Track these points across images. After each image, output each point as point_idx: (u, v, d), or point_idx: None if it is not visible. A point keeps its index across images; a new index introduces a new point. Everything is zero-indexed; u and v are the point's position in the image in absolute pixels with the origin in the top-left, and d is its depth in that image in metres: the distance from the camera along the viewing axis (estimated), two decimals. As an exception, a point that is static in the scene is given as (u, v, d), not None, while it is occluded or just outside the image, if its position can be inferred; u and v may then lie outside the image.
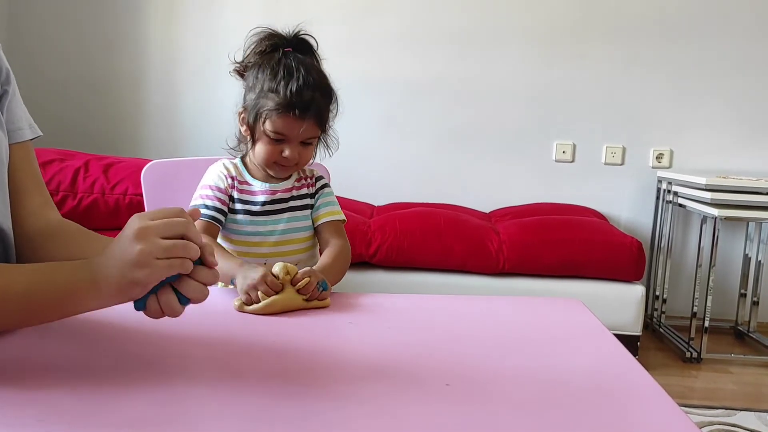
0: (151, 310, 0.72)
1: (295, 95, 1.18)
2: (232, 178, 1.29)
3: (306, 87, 1.19)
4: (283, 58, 1.22)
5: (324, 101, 1.23)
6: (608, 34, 3.15)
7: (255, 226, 1.28)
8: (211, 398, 0.67)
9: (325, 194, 1.35)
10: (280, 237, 1.28)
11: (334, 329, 0.94)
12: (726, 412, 2.17)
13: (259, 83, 1.22)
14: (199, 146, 3.28)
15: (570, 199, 3.19)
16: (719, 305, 3.04)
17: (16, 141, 0.95)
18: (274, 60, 1.22)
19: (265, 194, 1.28)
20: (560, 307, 1.09)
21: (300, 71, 1.20)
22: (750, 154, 3.14)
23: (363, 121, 3.24)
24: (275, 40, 1.25)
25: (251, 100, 1.24)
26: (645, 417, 0.66)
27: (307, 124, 1.20)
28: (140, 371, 0.72)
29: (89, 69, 3.33)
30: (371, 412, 0.64)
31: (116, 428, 0.58)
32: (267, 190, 1.29)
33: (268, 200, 1.28)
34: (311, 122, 1.20)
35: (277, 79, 1.20)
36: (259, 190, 1.29)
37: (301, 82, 1.19)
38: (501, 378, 0.74)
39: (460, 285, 2.56)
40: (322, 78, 1.24)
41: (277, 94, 1.19)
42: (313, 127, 1.22)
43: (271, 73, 1.21)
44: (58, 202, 2.32)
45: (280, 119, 1.19)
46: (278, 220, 1.28)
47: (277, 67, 1.21)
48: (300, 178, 1.34)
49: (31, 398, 0.64)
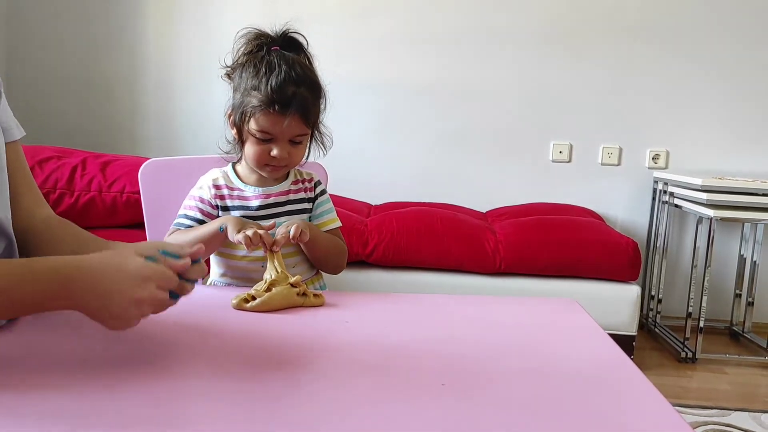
0: None
1: (276, 91, 1.15)
2: (218, 188, 1.27)
3: (288, 82, 1.16)
4: (267, 56, 1.20)
5: (310, 96, 1.19)
6: (605, 36, 3.16)
7: None
8: (208, 396, 0.67)
9: (323, 202, 1.34)
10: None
11: (330, 328, 0.94)
12: (721, 412, 2.18)
13: (243, 82, 1.20)
14: (197, 144, 3.28)
15: (566, 199, 3.20)
16: (714, 305, 3.05)
17: (7, 141, 0.95)
18: (257, 58, 1.20)
19: (259, 198, 1.27)
20: (556, 307, 1.09)
21: (282, 66, 1.17)
22: (746, 156, 3.15)
23: (361, 121, 3.24)
24: (262, 40, 1.23)
25: (237, 101, 1.22)
26: (639, 417, 0.66)
27: (291, 120, 1.16)
28: (138, 369, 0.73)
29: (87, 67, 3.33)
30: (366, 411, 0.64)
31: (113, 426, 0.59)
32: (261, 194, 1.27)
33: (263, 204, 1.27)
34: (295, 118, 1.17)
35: (259, 76, 1.17)
36: (253, 195, 1.27)
37: (282, 77, 1.16)
38: (496, 377, 0.74)
39: (456, 284, 2.57)
40: (307, 72, 1.21)
41: (259, 91, 1.17)
42: (298, 123, 1.18)
43: (253, 70, 1.19)
44: (55, 199, 2.32)
45: (263, 117, 1.17)
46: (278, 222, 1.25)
47: (259, 64, 1.19)
48: (297, 181, 1.32)
49: (28, 396, 0.64)
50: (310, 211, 1.32)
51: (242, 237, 1.12)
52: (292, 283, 1.03)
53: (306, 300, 1.03)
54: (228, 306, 1.00)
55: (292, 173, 1.32)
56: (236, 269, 1.27)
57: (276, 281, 1.04)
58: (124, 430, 0.58)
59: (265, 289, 1.02)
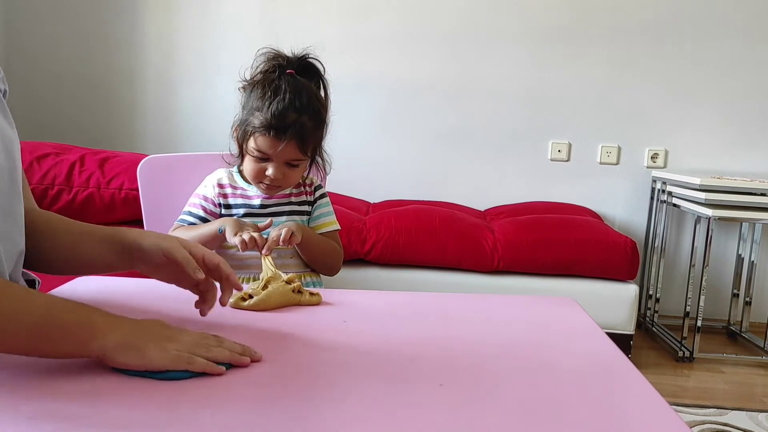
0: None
1: (276, 116, 1.19)
2: (221, 186, 1.33)
3: (289, 109, 1.20)
4: (277, 80, 1.23)
5: (310, 124, 1.23)
6: (604, 35, 3.15)
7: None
8: (205, 395, 0.67)
9: (322, 205, 1.38)
10: None
11: (328, 326, 0.94)
12: (718, 412, 2.18)
13: (250, 101, 1.25)
14: (196, 141, 3.28)
15: (565, 198, 3.20)
16: (712, 305, 3.06)
17: None
18: (268, 80, 1.24)
19: (261, 197, 1.32)
20: (554, 305, 1.09)
21: (287, 93, 1.20)
22: (744, 155, 3.15)
23: (360, 119, 3.24)
24: (279, 61, 1.26)
25: (242, 118, 1.27)
26: (636, 416, 0.66)
27: (287, 146, 1.21)
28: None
29: (86, 63, 3.32)
30: (364, 411, 0.64)
31: (108, 427, 0.59)
32: (263, 195, 1.33)
33: (266, 204, 1.32)
34: (291, 144, 1.21)
35: (264, 99, 1.21)
36: (255, 195, 1.32)
37: (285, 104, 1.20)
38: (494, 377, 0.75)
39: (454, 283, 2.57)
40: (312, 101, 1.24)
41: (261, 113, 1.21)
42: (293, 149, 1.22)
43: (261, 92, 1.23)
44: (53, 196, 2.31)
45: (261, 138, 1.22)
46: (277, 221, 1.30)
47: (268, 87, 1.22)
48: (299, 185, 1.36)
49: (23, 395, 0.64)
50: (310, 213, 1.36)
51: (238, 240, 1.18)
52: (287, 280, 1.04)
53: (303, 298, 1.03)
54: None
55: None
56: (233, 258, 1.30)
57: (272, 278, 1.04)
58: (124, 429, 0.58)
59: (262, 287, 1.02)
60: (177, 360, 0.68)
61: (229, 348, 0.74)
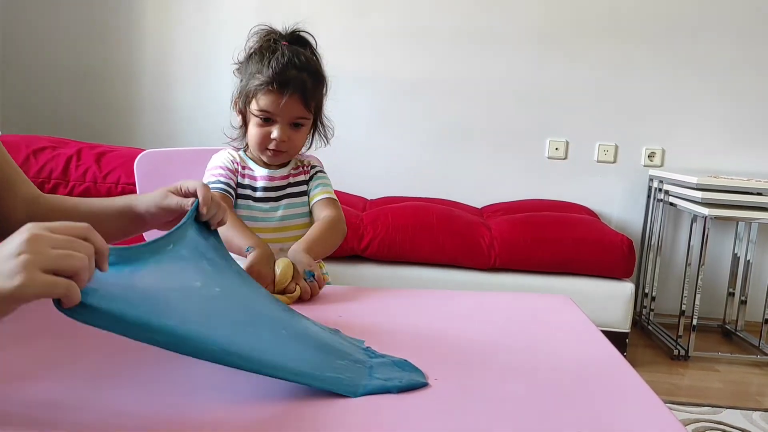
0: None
1: (278, 72, 1.21)
2: (234, 162, 1.33)
3: (290, 65, 1.21)
4: (274, 44, 1.25)
5: (310, 81, 1.24)
6: (602, 33, 3.16)
7: (254, 212, 1.30)
8: (202, 393, 0.67)
9: (318, 177, 1.38)
10: (278, 223, 1.31)
11: (324, 322, 0.94)
12: (712, 410, 2.19)
13: (249, 69, 1.26)
14: (192, 136, 3.27)
15: (562, 196, 3.20)
16: (707, 304, 3.07)
17: None
18: (265, 46, 1.26)
19: (264, 180, 1.31)
20: (550, 303, 1.09)
21: (286, 53, 1.23)
22: (741, 155, 3.16)
23: (358, 116, 3.24)
24: (272, 36, 1.27)
25: (242, 85, 1.27)
26: (631, 414, 0.66)
27: (290, 99, 1.21)
28: (132, 367, 0.72)
29: (83, 56, 3.31)
30: (359, 407, 0.64)
31: (105, 426, 0.59)
32: (266, 176, 1.32)
33: (267, 186, 1.31)
34: (294, 98, 1.22)
35: (264, 61, 1.23)
36: (259, 176, 1.32)
37: (285, 61, 1.21)
38: (489, 373, 0.75)
39: (451, 280, 2.57)
40: (311, 62, 1.26)
41: (262, 73, 1.22)
42: (297, 103, 1.23)
43: (259, 56, 1.25)
44: (49, 189, 2.31)
45: (264, 96, 1.22)
46: (276, 207, 1.31)
47: (266, 51, 1.24)
48: (297, 167, 1.36)
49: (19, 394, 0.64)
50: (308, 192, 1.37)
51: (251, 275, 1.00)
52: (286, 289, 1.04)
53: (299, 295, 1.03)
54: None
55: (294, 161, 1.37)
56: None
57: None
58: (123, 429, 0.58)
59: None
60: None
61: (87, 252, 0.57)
